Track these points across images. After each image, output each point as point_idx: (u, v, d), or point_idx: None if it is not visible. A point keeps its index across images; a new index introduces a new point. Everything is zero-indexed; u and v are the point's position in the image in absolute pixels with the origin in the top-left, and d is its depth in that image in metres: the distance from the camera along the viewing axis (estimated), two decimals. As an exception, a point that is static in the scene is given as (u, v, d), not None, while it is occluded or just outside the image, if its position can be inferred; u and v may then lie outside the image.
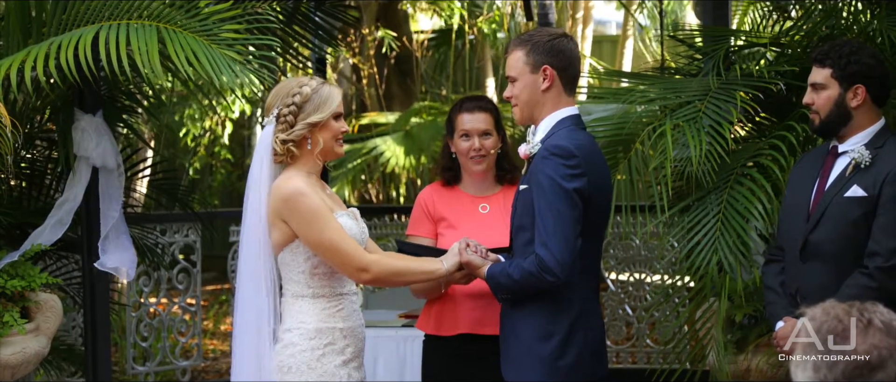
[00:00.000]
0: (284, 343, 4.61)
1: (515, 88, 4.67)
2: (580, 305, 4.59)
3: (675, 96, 6.42)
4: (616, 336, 9.45)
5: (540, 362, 4.55)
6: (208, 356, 11.11)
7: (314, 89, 4.65)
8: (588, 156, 4.54)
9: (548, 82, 4.61)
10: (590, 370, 4.63)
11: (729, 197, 6.10)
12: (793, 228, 5.14)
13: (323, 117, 4.63)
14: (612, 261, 9.46)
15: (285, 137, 4.62)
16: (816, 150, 5.35)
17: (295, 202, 4.53)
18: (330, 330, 4.60)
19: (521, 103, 4.68)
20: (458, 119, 5.32)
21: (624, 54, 15.39)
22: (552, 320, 4.55)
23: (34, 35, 6.07)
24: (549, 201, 4.45)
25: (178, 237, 8.87)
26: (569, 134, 4.58)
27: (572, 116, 4.66)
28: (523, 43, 4.66)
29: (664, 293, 8.64)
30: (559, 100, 4.65)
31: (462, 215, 5.36)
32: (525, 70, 4.63)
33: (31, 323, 5.69)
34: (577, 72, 4.69)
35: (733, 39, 7.10)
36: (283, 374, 4.58)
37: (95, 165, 6.41)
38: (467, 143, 5.29)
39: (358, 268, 4.55)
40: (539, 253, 4.43)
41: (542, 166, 4.50)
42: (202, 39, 5.64)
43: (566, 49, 4.64)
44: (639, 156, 6.35)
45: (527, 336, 4.58)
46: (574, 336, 4.55)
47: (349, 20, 8.87)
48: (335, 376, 4.58)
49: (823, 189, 5.06)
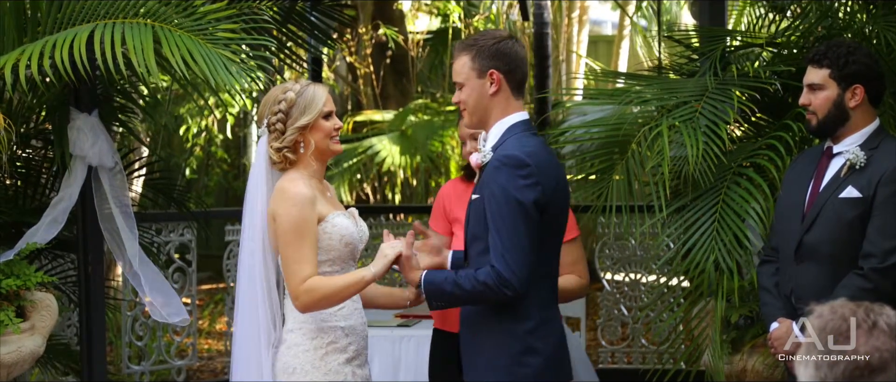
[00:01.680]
0: (288, 344, 4.62)
1: (463, 94, 4.60)
2: (539, 315, 4.51)
3: (672, 97, 6.42)
4: (611, 336, 9.45)
5: (501, 373, 4.50)
6: (203, 355, 11.10)
7: (298, 93, 4.65)
8: (540, 163, 4.45)
9: (495, 87, 4.54)
10: (554, 372, 4.57)
11: (725, 197, 6.10)
12: (787, 229, 5.15)
13: (311, 119, 4.62)
14: (608, 261, 9.46)
15: (279, 145, 4.63)
16: (811, 150, 5.35)
17: (285, 203, 4.54)
18: (332, 329, 4.61)
19: (469, 109, 4.61)
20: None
21: (620, 54, 15.39)
22: (510, 331, 4.48)
23: (29, 34, 6.06)
24: (503, 213, 4.38)
25: (173, 237, 8.86)
26: (519, 142, 4.50)
27: (522, 121, 4.58)
28: (468, 47, 4.59)
29: (659, 294, 8.65)
30: (508, 104, 4.58)
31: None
32: (472, 75, 4.56)
33: (27, 322, 5.68)
34: (524, 74, 4.62)
35: (730, 40, 7.10)
36: (287, 375, 4.59)
37: (91, 164, 6.40)
38: (468, 146, 5.37)
39: (292, 295, 4.54)
40: (497, 267, 4.34)
41: (495, 177, 4.43)
42: (198, 39, 5.64)
43: (512, 52, 4.57)
44: (635, 157, 6.35)
45: (485, 347, 4.53)
46: (534, 345, 4.48)
47: (345, 19, 8.87)
48: (339, 374, 4.59)
49: (818, 190, 5.06)
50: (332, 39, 8.66)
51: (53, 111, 6.69)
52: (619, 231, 9.35)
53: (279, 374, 4.61)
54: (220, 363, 10.50)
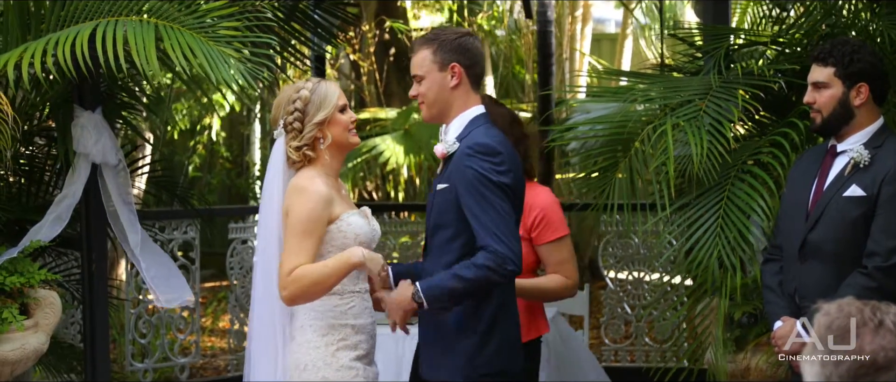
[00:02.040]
0: (298, 341, 4.63)
1: (422, 87, 4.70)
2: (499, 298, 4.62)
3: (676, 95, 6.42)
4: (614, 335, 9.44)
5: (459, 358, 4.59)
6: (206, 353, 11.10)
7: (312, 90, 4.68)
8: (509, 152, 4.59)
9: (456, 80, 4.66)
10: (508, 362, 4.68)
11: (729, 195, 6.09)
12: (791, 227, 5.14)
13: (328, 113, 4.66)
14: (611, 259, 9.45)
15: (298, 143, 4.66)
16: (815, 149, 5.34)
17: (299, 197, 4.56)
18: (342, 327, 4.62)
19: (428, 102, 4.71)
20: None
21: (623, 53, 15.38)
22: (472, 315, 4.58)
23: (33, 31, 6.06)
24: (486, 195, 4.47)
25: (176, 234, 8.86)
26: (487, 132, 4.62)
27: (483, 113, 4.71)
28: (430, 41, 4.70)
29: (663, 292, 8.64)
30: (467, 98, 4.70)
31: None
32: (433, 68, 4.67)
33: (30, 320, 5.68)
34: (482, 70, 4.76)
35: (733, 38, 7.09)
36: (299, 372, 4.60)
37: (95, 161, 6.40)
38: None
39: (280, 286, 4.54)
40: (494, 246, 4.42)
41: (469, 164, 4.52)
42: (199, 36, 5.64)
43: (473, 47, 4.70)
44: (638, 155, 6.34)
45: (447, 333, 4.61)
46: (494, 328, 4.59)
47: (348, 17, 8.86)
48: (351, 370, 4.61)
49: (822, 189, 5.06)
50: (335, 37, 8.65)
51: (57, 109, 6.69)
52: (622, 229, 9.34)
53: (290, 370, 4.62)
54: (224, 360, 10.49)
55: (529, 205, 5.42)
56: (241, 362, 9.36)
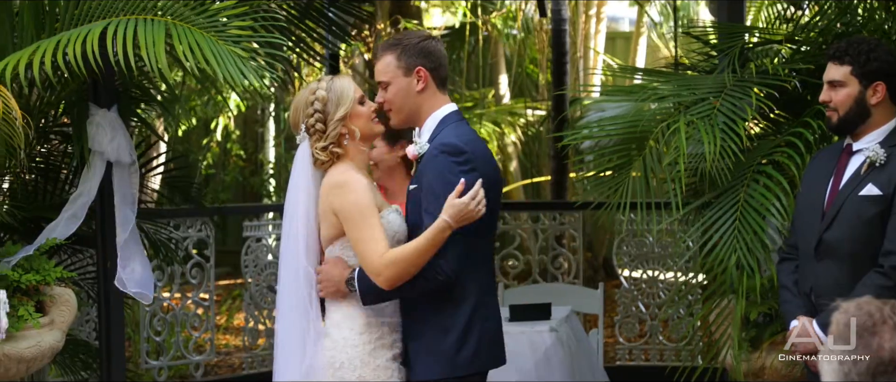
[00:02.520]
0: (333, 338, 4.61)
1: (389, 93, 4.71)
2: (476, 298, 4.61)
3: (690, 93, 6.40)
4: (629, 334, 9.43)
5: (439, 357, 4.59)
6: (221, 350, 11.11)
7: (328, 88, 4.68)
8: (476, 150, 4.59)
9: (422, 83, 4.67)
10: (489, 359, 4.70)
11: (745, 195, 6.08)
12: (807, 226, 5.12)
13: (348, 108, 4.65)
14: (626, 258, 9.45)
15: (324, 143, 4.66)
16: (830, 148, 5.33)
17: (343, 192, 4.56)
18: (379, 325, 4.62)
19: (395, 108, 4.72)
20: None
21: (637, 51, 15.35)
22: (450, 314, 4.58)
23: (47, 30, 6.08)
24: (438, 197, 4.49)
25: (191, 232, 8.87)
26: (455, 130, 4.63)
27: (454, 111, 4.73)
28: (392, 47, 4.71)
29: (677, 291, 8.63)
30: (435, 99, 4.71)
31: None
32: (398, 73, 4.68)
33: (46, 317, 5.70)
34: (446, 73, 4.77)
35: (748, 36, 7.08)
36: (333, 370, 4.58)
37: (110, 159, 6.41)
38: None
39: (374, 272, 4.51)
40: (435, 261, 4.48)
41: (432, 165, 4.55)
42: (209, 35, 5.64)
43: (436, 50, 4.72)
44: (653, 153, 6.33)
45: (425, 332, 4.61)
46: (472, 327, 4.59)
47: (362, 15, 8.87)
48: (387, 370, 4.60)
49: (838, 188, 5.04)
50: (349, 35, 8.66)
51: (72, 107, 6.71)
52: (636, 228, 9.33)
53: (324, 369, 4.60)
54: (238, 358, 10.51)
55: None
56: (256, 359, 9.39)
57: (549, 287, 9.22)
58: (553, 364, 6.96)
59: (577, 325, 7.75)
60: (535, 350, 6.96)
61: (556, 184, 12.61)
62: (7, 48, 6.07)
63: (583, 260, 10.28)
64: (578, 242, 10.07)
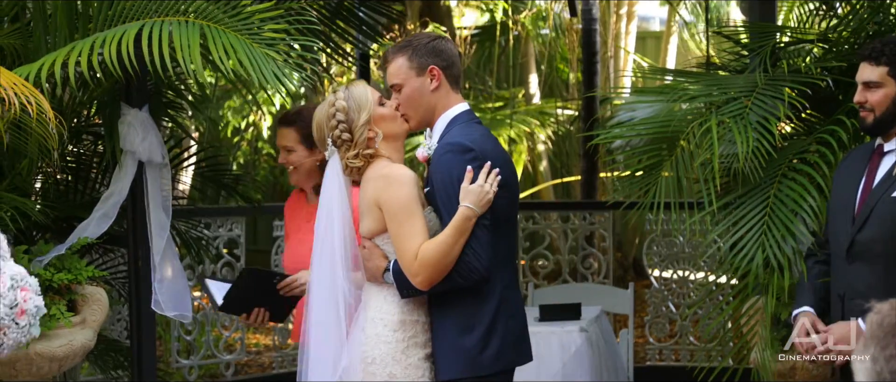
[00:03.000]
0: (368, 333, 4.60)
1: (403, 95, 4.70)
2: (500, 295, 4.60)
3: (721, 93, 6.39)
4: (659, 334, 9.42)
5: (463, 356, 4.56)
6: (251, 350, 11.15)
7: (345, 98, 4.69)
8: (484, 149, 4.56)
9: (436, 82, 4.66)
10: (513, 358, 4.68)
11: (776, 194, 6.06)
12: (839, 229, 5.09)
13: (370, 111, 4.66)
14: (656, 258, 9.43)
15: (354, 151, 4.66)
16: (860, 149, 5.29)
17: (390, 186, 4.55)
18: (413, 323, 4.61)
19: (411, 110, 4.71)
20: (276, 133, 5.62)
21: (668, 51, 15.31)
22: (473, 312, 4.56)
23: (80, 31, 6.11)
24: (451, 197, 4.49)
25: (222, 231, 8.91)
26: (463, 129, 4.62)
27: (465, 111, 4.71)
28: (404, 49, 4.70)
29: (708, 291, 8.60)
30: (448, 98, 4.70)
31: (295, 224, 5.62)
32: (411, 75, 4.67)
33: (78, 316, 5.73)
34: (459, 71, 4.74)
35: (779, 36, 7.05)
36: (366, 365, 4.57)
37: (141, 159, 6.44)
38: (283, 157, 5.62)
39: (410, 275, 4.52)
40: (466, 259, 4.46)
41: (440, 165, 4.54)
42: (243, 38, 5.66)
43: (447, 49, 4.71)
44: (684, 154, 6.31)
45: (448, 331, 4.59)
46: (496, 325, 4.58)
47: (393, 15, 8.88)
48: (419, 369, 4.59)
49: (870, 189, 5.01)
50: (380, 35, 8.68)
51: (105, 106, 6.74)
52: (667, 228, 9.32)
53: (355, 363, 4.60)
54: (268, 357, 10.54)
55: None
56: (286, 359, 9.42)
57: (579, 287, 9.21)
58: (582, 365, 6.95)
59: (607, 325, 7.75)
60: (565, 350, 6.95)
61: (586, 184, 12.60)
62: (41, 49, 6.11)
63: (613, 260, 10.28)
64: (608, 242, 10.06)
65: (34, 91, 5.13)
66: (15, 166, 6.24)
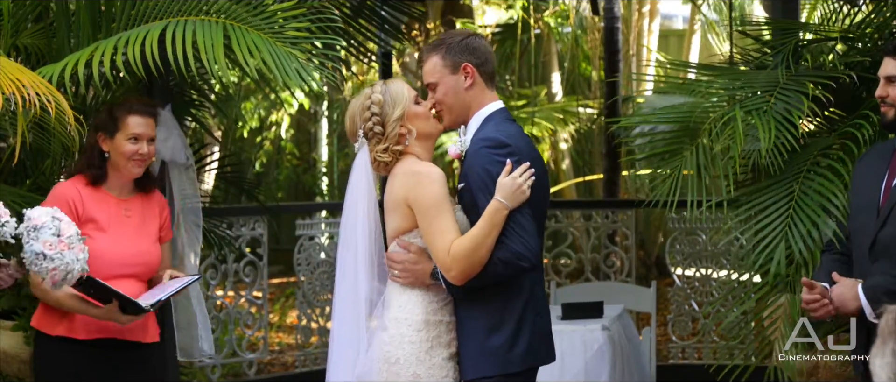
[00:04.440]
0: (391, 333, 4.60)
1: (438, 93, 4.71)
2: (529, 292, 4.61)
3: (744, 89, 6.37)
4: (681, 332, 9.40)
5: (493, 355, 4.56)
6: (274, 349, 11.18)
7: (383, 92, 4.69)
8: (519, 145, 4.58)
9: (470, 79, 4.67)
10: (541, 355, 4.68)
11: (799, 191, 6.04)
12: (861, 227, 5.06)
13: (405, 107, 4.66)
14: (678, 256, 9.42)
15: (384, 145, 4.66)
16: (880, 146, 5.25)
17: (420, 183, 4.56)
18: (437, 323, 4.61)
19: (447, 107, 4.72)
20: (128, 121, 5.35)
21: (690, 49, 15.28)
22: (503, 309, 4.57)
23: (104, 30, 6.14)
24: (488, 193, 4.49)
25: (244, 231, 8.93)
26: (498, 126, 4.63)
27: (500, 109, 4.72)
28: (437, 48, 4.72)
29: (731, 289, 8.59)
30: (483, 96, 4.71)
31: (111, 217, 5.37)
32: (445, 73, 4.69)
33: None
34: (493, 68, 4.76)
35: (802, 33, 7.03)
36: (389, 365, 4.57)
37: (164, 159, 6.46)
38: (135, 146, 5.34)
39: (444, 268, 4.52)
40: (508, 243, 4.47)
41: (476, 160, 4.55)
42: (267, 37, 5.67)
43: (480, 46, 4.72)
44: (706, 150, 6.30)
45: (477, 329, 4.58)
46: (524, 322, 4.58)
47: (415, 14, 8.89)
48: (443, 369, 4.59)
49: (892, 186, 4.98)
50: (402, 33, 8.68)
51: (127, 106, 6.76)
52: (689, 226, 9.30)
53: (379, 363, 4.59)
54: (291, 356, 10.55)
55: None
56: (309, 357, 9.44)
57: (601, 286, 9.21)
58: (605, 363, 6.94)
59: (630, 324, 7.74)
60: (588, 348, 6.95)
61: (608, 182, 12.58)
62: (64, 48, 6.14)
63: (635, 258, 10.27)
64: (631, 240, 10.05)
65: (54, 91, 5.14)
66: (39, 166, 6.27)
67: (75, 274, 4.75)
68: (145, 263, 5.38)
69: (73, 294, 4.97)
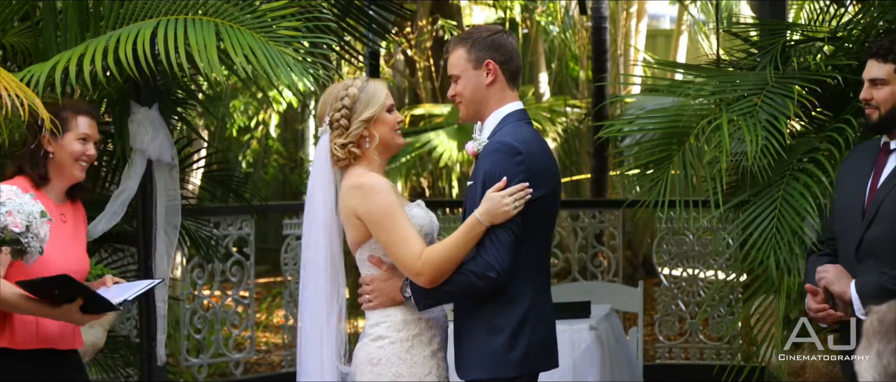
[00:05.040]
0: (372, 336, 4.61)
1: (459, 86, 4.70)
2: (530, 300, 4.58)
3: (731, 90, 6.38)
4: (669, 332, 9.41)
5: (490, 357, 4.55)
6: (261, 348, 11.17)
7: (360, 88, 4.67)
8: (532, 151, 4.55)
9: (491, 77, 4.64)
10: (540, 361, 4.65)
11: (785, 193, 6.05)
12: (847, 227, 5.07)
13: (375, 112, 4.63)
14: (665, 256, 9.42)
15: (343, 140, 4.63)
16: (865, 146, 5.26)
17: (367, 196, 4.54)
18: (416, 321, 4.60)
19: (465, 101, 4.70)
20: (78, 121, 5.13)
21: (678, 49, 15.31)
22: (500, 315, 4.54)
23: (92, 29, 6.12)
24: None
25: (231, 230, 8.92)
26: (514, 130, 4.60)
27: (518, 110, 4.69)
28: (464, 40, 4.70)
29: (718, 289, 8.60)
30: (503, 95, 4.68)
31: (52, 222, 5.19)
32: (468, 67, 4.66)
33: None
34: (517, 66, 4.73)
35: (790, 33, 7.04)
36: (371, 366, 4.58)
37: (151, 158, 6.45)
38: (83, 147, 5.13)
39: (414, 273, 4.51)
40: (481, 253, 4.45)
41: (486, 162, 4.53)
42: (259, 36, 5.66)
43: (506, 43, 4.69)
44: (693, 151, 6.30)
45: (476, 331, 4.58)
46: (523, 328, 4.55)
47: (403, 14, 8.88)
48: (425, 367, 4.59)
49: (876, 187, 4.99)
50: (389, 33, 8.67)
51: (114, 105, 6.75)
52: (676, 226, 9.31)
53: (362, 365, 4.60)
54: (278, 356, 10.55)
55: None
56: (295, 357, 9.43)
57: (588, 285, 9.21)
58: (592, 363, 6.94)
59: (617, 323, 7.74)
60: (575, 348, 6.95)
61: (595, 182, 12.60)
62: (51, 47, 6.12)
63: (622, 258, 10.27)
64: (618, 240, 10.06)
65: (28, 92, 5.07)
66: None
67: (37, 227, 4.64)
68: (82, 270, 5.18)
69: (23, 295, 4.86)
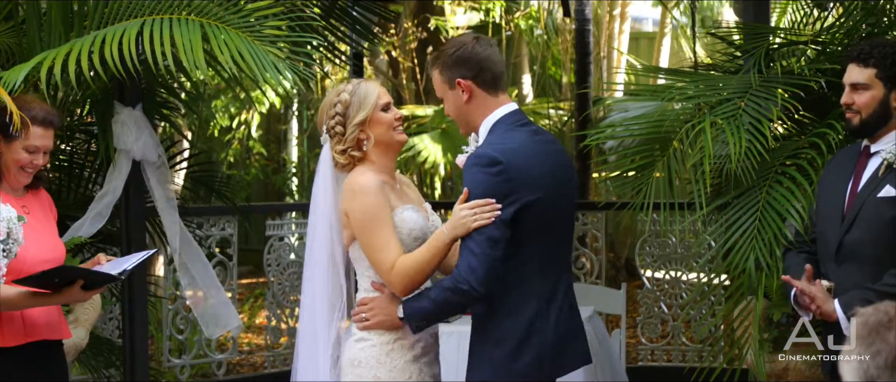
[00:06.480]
0: (357, 336, 4.62)
1: (446, 107, 4.68)
2: (535, 307, 4.52)
3: (715, 94, 6.40)
4: (651, 334, 9.43)
5: (495, 364, 4.52)
6: (243, 349, 11.15)
7: (352, 92, 4.67)
8: (515, 158, 4.45)
9: (466, 94, 4.56)
10: (551, 368, 4.59)
11: (767, 195, 6.07)
12: (828, 230, 5.09)
13: (368, 113, 4.64)
14: (648, 259, 9.44)
15: (342, 146, 4.65)
16: (847, 150, 5.28)
17: (354, 197, 4.55)
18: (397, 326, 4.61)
19: (455, 120, 4.69)
20: (30, 131, 5.00)
21: (661, 52, 15.35)
22: (506, 324, 4.50)
23: (76, 29, 6.10)
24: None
25: (214, 231, 8.90)
26: (500, 137, 4.51)
27: (508, 113, 4.59)
28: (435, 62, 4.65)
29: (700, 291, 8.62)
30: (486, 104, 4.59)
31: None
32: (445, 88, 4.62)
33: (71, 315, 5.72)
34: (495, 73, 4.59)
35: (773, 37, 7.07)
36: (353, 367, 4.59)
37: (135, 158, 6.44)
38: (29, 157, 5.04)
39: (387, 282, 4.54)
40: (458, 266, 4.42)
41: (466, 177, 4.48)
42: (245, 36, 5.66)
43: (473, 55, 4.56)
44: (677, 154, 6.32)
45: (485, 339, 4.55)
46: (530, 338, 4.50)
47: (387, 15, 8.88)
48: (404, 372, 4.59)
49: (856, 190, 5.01)
50: (373, 34, 8.67)
51: (97, 105, 6.74)
52: (659, 228, 9.33)
53: (345, 366, 4.62)
54: (260, 357, 10.54)
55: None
56: (278, 358, 9.42)
57: (571, 287, 9.21)
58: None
59: (600, 325, 7.75)
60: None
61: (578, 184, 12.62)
62: (35, 47, 6.10)
63: (605, 260, 10.28)
64: (601, 242, 10.07)
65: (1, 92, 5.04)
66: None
67: (17, 233, 4.64)
68: (58, 257, 5.14)
69: (24, 291, 4.84)
